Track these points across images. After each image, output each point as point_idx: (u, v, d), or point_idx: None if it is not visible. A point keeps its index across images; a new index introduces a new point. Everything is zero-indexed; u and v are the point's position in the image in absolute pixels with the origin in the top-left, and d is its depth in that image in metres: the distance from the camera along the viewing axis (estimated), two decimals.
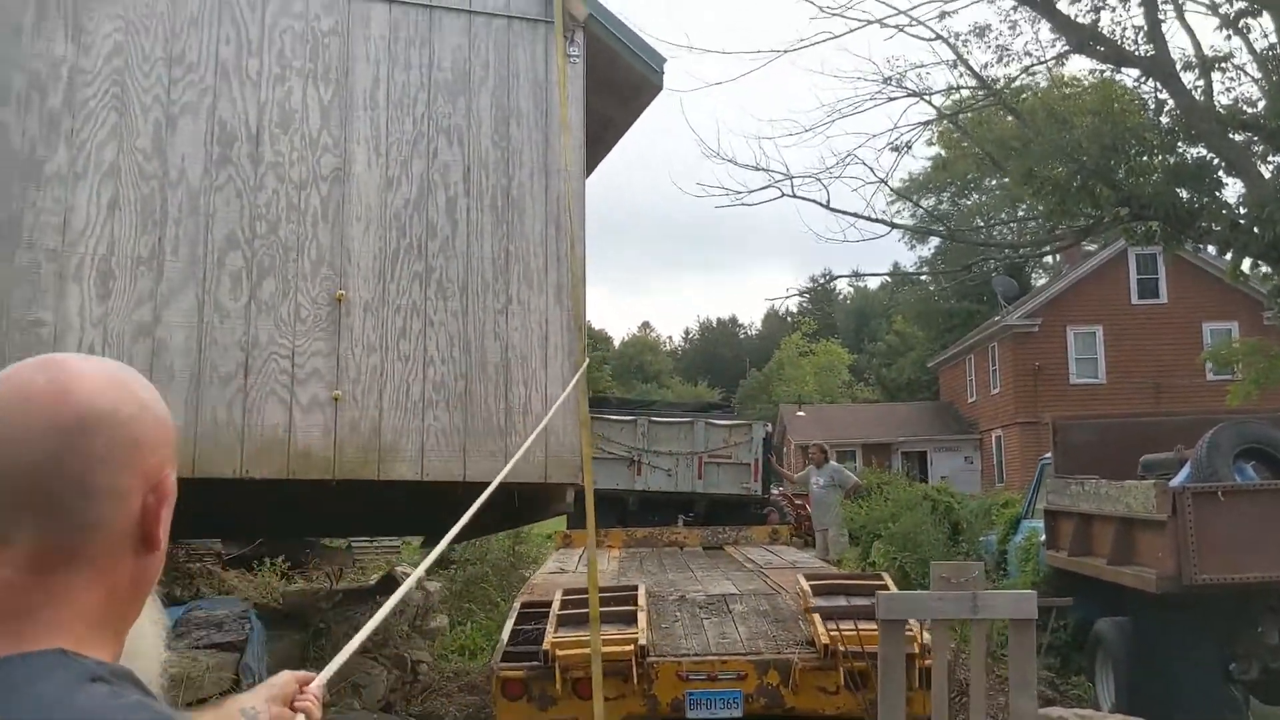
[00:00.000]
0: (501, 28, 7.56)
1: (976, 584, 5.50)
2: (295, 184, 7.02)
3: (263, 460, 6.74)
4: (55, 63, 6.75)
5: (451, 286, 7.19)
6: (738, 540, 11.69)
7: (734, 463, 17.53)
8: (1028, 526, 11.02)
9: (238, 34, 7.08)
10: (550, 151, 7.46)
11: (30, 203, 6.58)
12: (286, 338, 6.86)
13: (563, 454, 7.20)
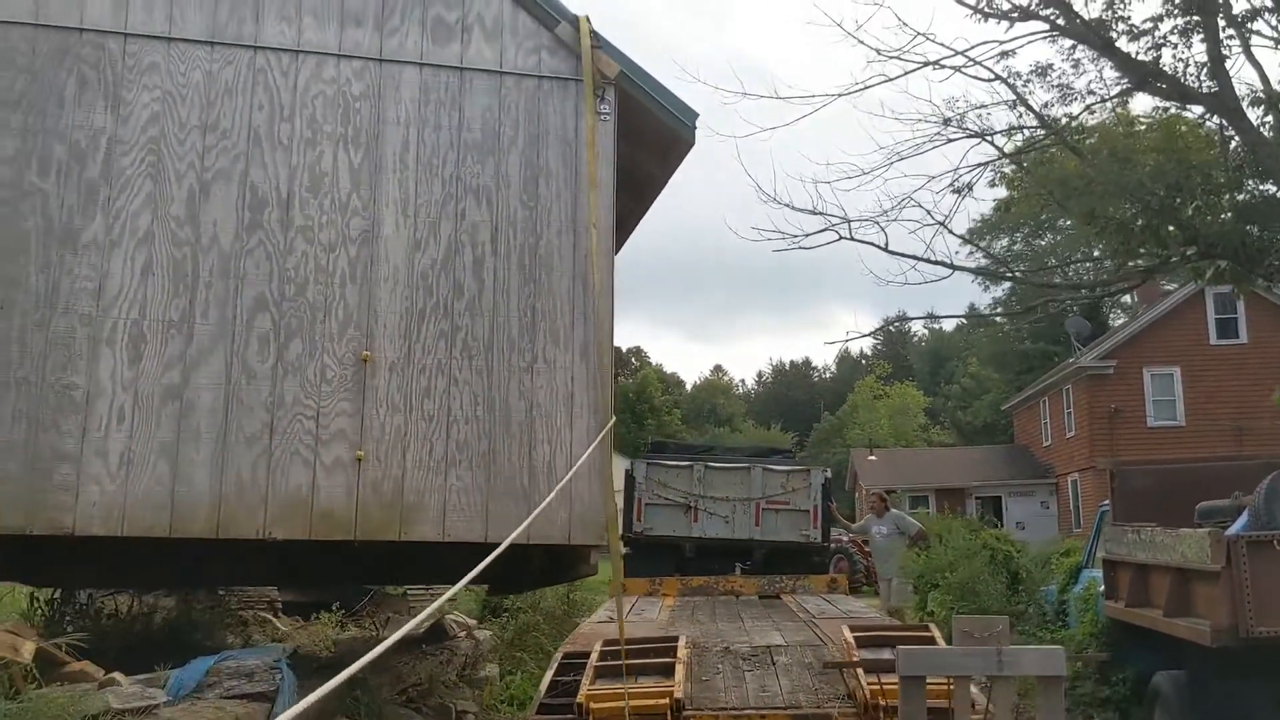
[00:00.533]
0: (531, 87, 7.58)
1: (1002, 639, 5.25)
2: (324, 246, 7.11)
3: (285, 521, 6.77)
4: (95, 133, 6.98)
5: (477, 345, 7.17)
6: (795, 589, 11.37)
7: (792, 509, 17.28)
8: (1087, 576, 10.73)
9: (270, 100, 7.23)
10: (579, 209, 7.42)
11: (67, 269, 6.79)
12: (312, 398, 6.92)
13: (587, 515, 7.09)
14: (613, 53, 7.67)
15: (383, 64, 7.43)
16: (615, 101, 7.65)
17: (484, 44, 7.58)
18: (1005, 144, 14.92)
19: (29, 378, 6.63)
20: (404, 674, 8.73)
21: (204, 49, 7.22)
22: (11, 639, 6.14)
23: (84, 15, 7.11)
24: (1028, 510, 38.83)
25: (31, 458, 6.55)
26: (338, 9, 7.44)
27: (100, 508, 6.58)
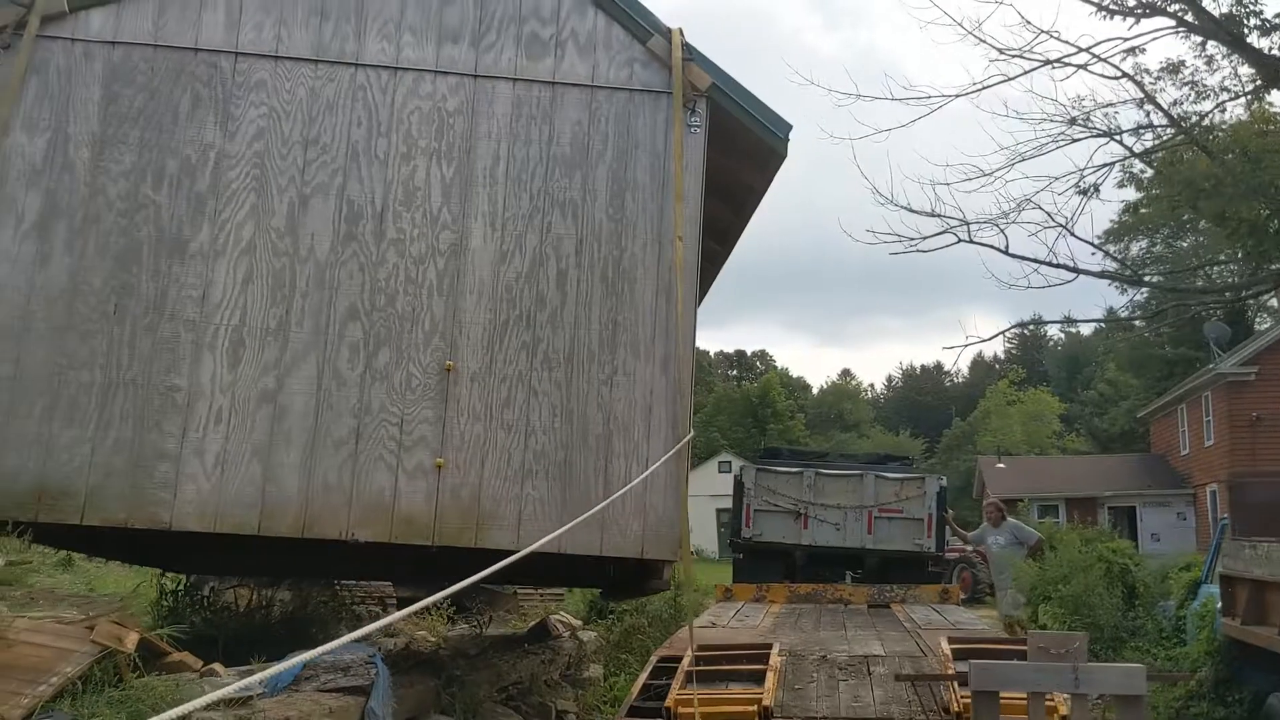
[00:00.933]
0: (623, 100, 7.62)
1: (1079, 655, 5.14)
2: (414, 259, 7.31)
3: (367, 523, 6.99)
4: (204, 147, 7.36)
5: (557, 357, 7.25)
6: (906, 599, 11.29)
7: (906, 518, 16.84)
8: (1206, 591, 10.36)
9: (369, 117, 7.48)
10: (665, 221, 7.42)
11: (175, 277, 7.18)
12: (397, 405, 7.12)
13: (661, 529, 7.07)
14: (705, 65, 7.64)
15: (477, 80, 7.59)
16: (706, 114, 7.62)
17: (577, 59, 7.66)
18: (1133, 143, 14.50)
19: (137, 379, 7.04)
20: (504, 672, 8.90)
21: (308, 66, 7.52)
22: (116, 629, 6.47)
23: (199, 36, 7.50)
24: (1163, 522, 37.46)
25: (136, 455, 6.95)
26: (436, 27, 7.65)
27: (195, 505, 6.93)
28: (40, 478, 6.90)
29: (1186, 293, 18.83)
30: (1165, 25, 13.51)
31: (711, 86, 7.59)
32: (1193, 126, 14.17)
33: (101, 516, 6.93)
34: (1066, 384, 67.95)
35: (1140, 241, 36.02)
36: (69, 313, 7.10)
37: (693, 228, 7.45)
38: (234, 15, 7.55)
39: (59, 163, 7.28)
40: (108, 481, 6.91)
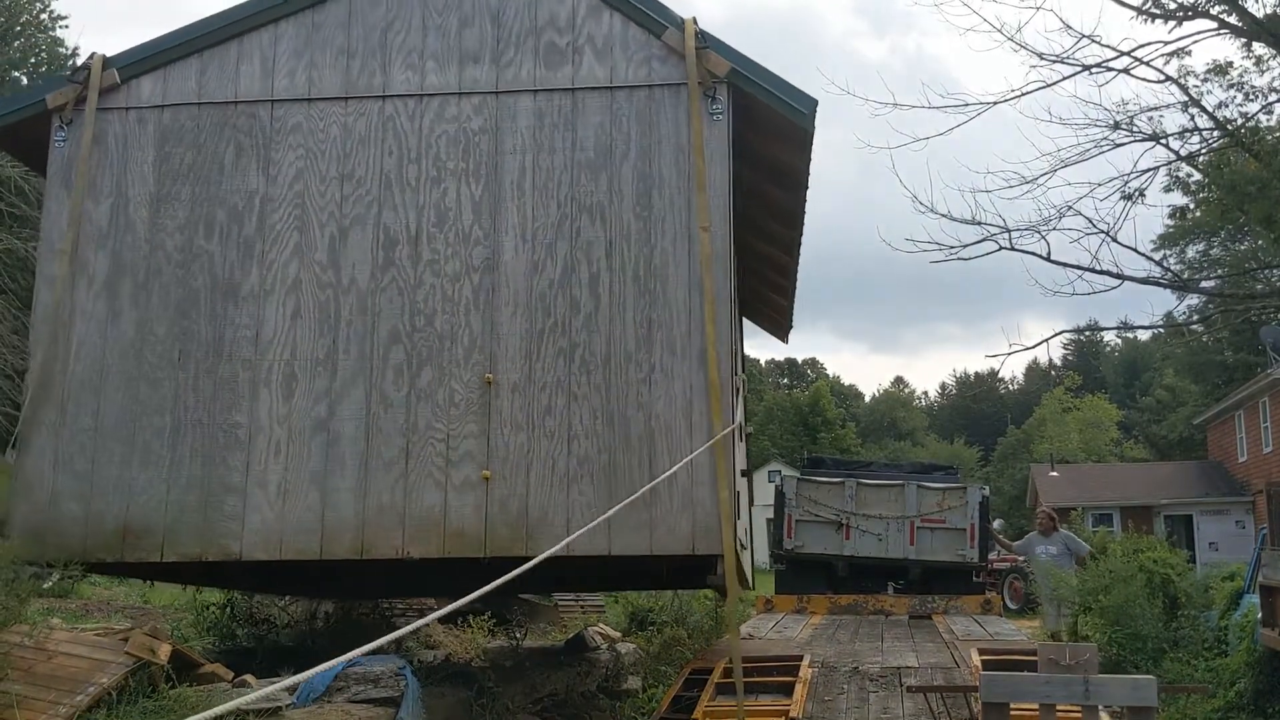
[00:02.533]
0: (643, 98, 7.59)
1: (1090, 667, 5.16)
2: (450, 277, 7.45)
3: (420, 540, 7.14)
4: (249, 194, 7.71)
5: (594, 360, 7.24)
6: (948, 610, 11.35)
7: (949, 528, 16.56)
8: (1248, 602, 10.15)
9: (399, 146, 7.69)
10: (693, 215, 7.32)
11: (230, 320, 7.53)
12: (441, 422, 7.26)
13: (710, 524, 6.95)
14: (723, 50, 7.52)
15: (499, 96, 7.70)
16: (729, 100, 7.49)
17: (595, 62, 7.68)
18: (1179, 147, 14.22)
19: (202, 419, 7.42)
20: (538, 684, 8.94)
21: (339, 105, 7.79)
22: (150, 641, 6.82)
23: (238, 89, 7.88)
24: (1221, 530, 36.46)
25: (205, 491, 7.31)
26: (456, 50, 7.80)
27: (260, 535, 7.23)
28: (124, 519, 7.34)
29: (1235, 298, 18.34)
30: (1207, 28, 13.24)
31: (731, 72, 7.46)
32: (1239, 129, 13.72)
33: (179, 552, 7.32)
34: (1124, 390, 66.57)
35: (1197, 245, 34.85)
36: (139, 362, 7.54)
37: (720, 217, 7.33)
38: (268, 65, 7.91)
39: (122, 224, 7.76)
40: (182, 518, 7.29)
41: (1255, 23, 12.82)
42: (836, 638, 9.38)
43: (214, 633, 9.41)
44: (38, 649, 6.64)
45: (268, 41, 7.96)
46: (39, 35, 26.60)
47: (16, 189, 16.10)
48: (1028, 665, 6.53)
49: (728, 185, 7.40)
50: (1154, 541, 12.97)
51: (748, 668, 7.07)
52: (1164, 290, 21.49)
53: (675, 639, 12.12)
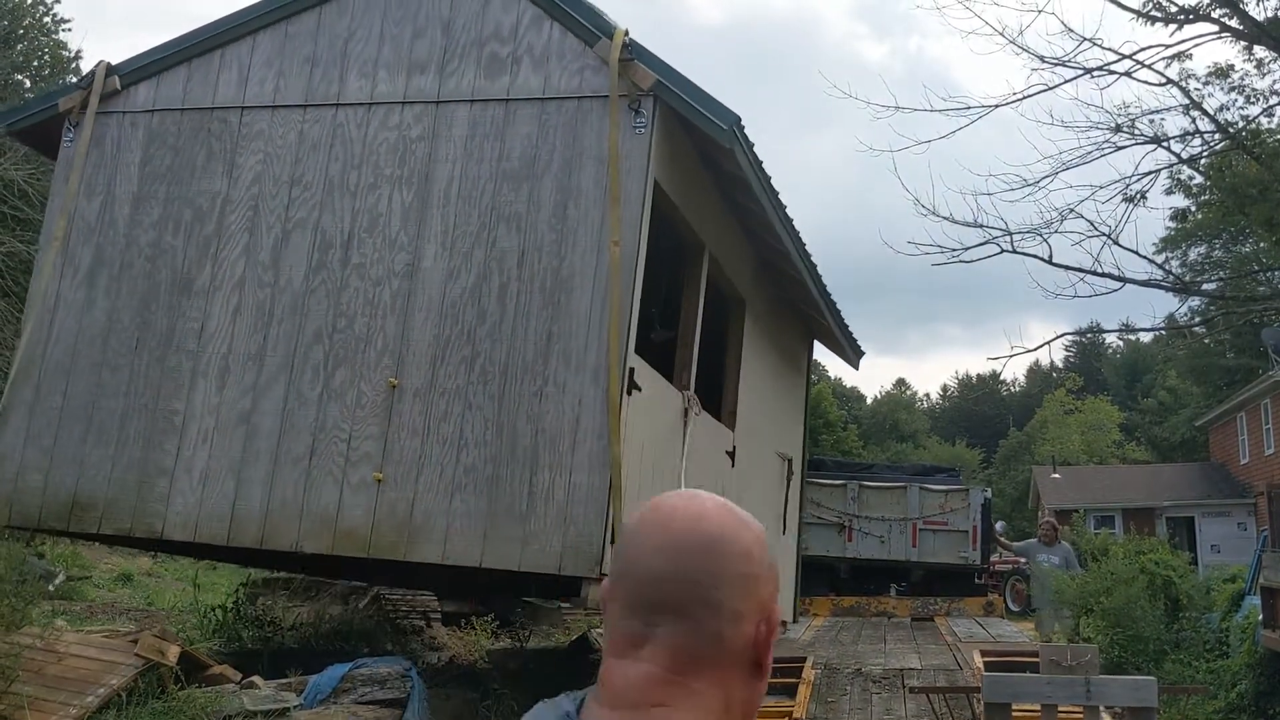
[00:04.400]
0: (571, 109, 7.51)
1: (1090, 668, 5.35)
2: (373, 281, 7.62)
3: (313, 536, 7.32)
4: (213, 195, 8.14)
5: (494, 370, 7.22)
6: (950, 611, 11.57)
7: (951, 530, 16.55)
8: (1250, 603, 10.39)
9: (345, 152, 7.93)
10: (605, 228, 7.19)
11: (182, 313, 7.98)
12: (347, 422, 7.42)
13: (581, 544, 6.78)
14: (652, 63, 7.34)
15: (439, 105, 7.81)
16: (653, 113, 7.31)
17: (531, 73, 7.66)
18: (1181, 150, 14.41)
19: (148, 404, 7.88)
20: (543, 686, 8.85)
21: (299, 112, 8.12)
22: (159, 643, 7.20)
23: (216, 96, 8.35)
24: (1223, 532, 36.30)
25: (142, 472, 7.77)
26: (407, 60, 7.97)
27: (181, 517, 7.62)
28: (74, 493, 7.91)
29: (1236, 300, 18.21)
30: (1208, 31, 13.21)
31: (656, 84, 7.28)
32: (1240, 131, 13.78)
33: (114, 527, 7.81)
34: (1126, 392, 66.19)
35: (1199, 247, 34.71)
36: (104, 349, 8.10)
37: (633, 231, 7.15)
38: (244, 73, 8.33)
39: (106, 220, 8.36)
40: (121, 495, 7.78)
41: (1256, 26, 12.84)
42: (839, 639, 9.76)
43: (219, 635, 9.88)
44: (48, 650, 7.02)
45: (246, 51, 8.38)
46: (42, 39, 27.90)
47: (20, 192, 17.24)
48: (1030, 667, 6.60)
49: (643, 199, 7.21)
50: (1156, 543, 13.05)
51: None
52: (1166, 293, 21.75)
53: None
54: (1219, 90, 14.21)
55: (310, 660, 8.26)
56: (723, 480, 9.23)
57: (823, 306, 10.93)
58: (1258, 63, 13.90)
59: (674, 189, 7.75)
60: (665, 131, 7.45)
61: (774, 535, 11.14)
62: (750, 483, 10.06)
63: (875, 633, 10.26)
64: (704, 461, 8.73)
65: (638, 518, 1.36)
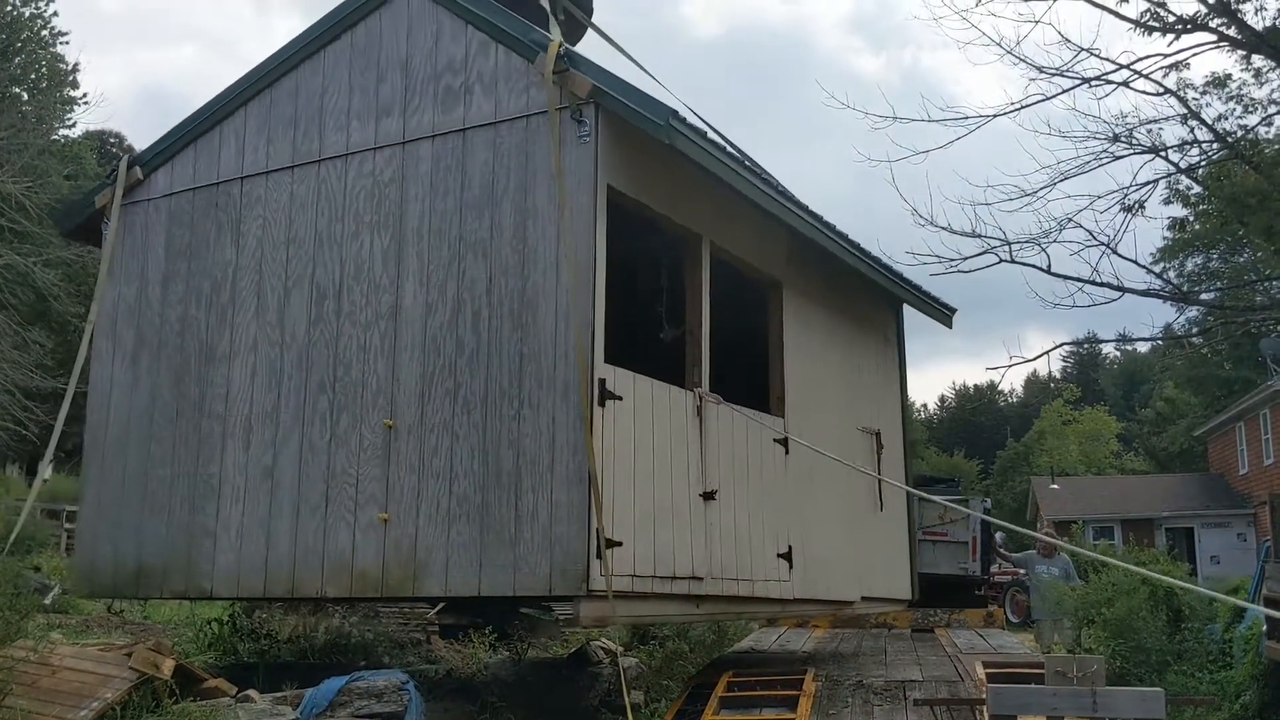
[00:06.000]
0: (521, 129, 7.50)
1: (1097, 679, 5.36)
2: (363, 326, 7.84)
3: (334, 581, 7.60)
4: (225, 265, 8.58)
5: (474, 399, 7.30)
6: (950, 623, 11.59)
7: (950, 540, 16.77)
8: (1252, 614, 10.24)
9: (330, 205, 8.19)
10: (561, 243, 7.15)
11: (209, 380, 8.45)
12: (353, 466, 7.67)
13: (568, 564, 6.76)
14: (589, 69, 7.25)
15: (405, 146, 7.95)
16: (596, 120, 7.21)
17: (483, 99, 7.70)
18: (1179, 159, 14.93)
19: (189, 471, 8.38)
20: (541, 698, 8.92)
21: (288, 173, 8.44)
22: (153, 657, 7.54)
23: (220, 170, 8.79)
24: (1223, 542, 37.49)
25: (188, 535, 8.27)
26: (374, 105, 8.16)
27: (225, 574, 8.06)
28: (138, 560, 8.49)
29: (1235, 310, 18.38)
30: (1207, 40, 13.59)
31: (594, 90, 7.17)
32: (1238, 141, 14.19)
33: (172, 590, 8.35)
34: (1123, 402, 68.03)
35: (1196, 258, 35.00)
36: (150, 422, 8.66)
37: (585, 243, 7.08)
38: (240, 145, 8.73)
39: (143, 302, 8.94)
40: (174, 559, 8.30)
41: (1255, 35, 13.19)
42: (840, 651, 9.66)
43: (215, 648, 10.25)
44: (42, 664, 7.32)
45: (240, 123, 8.78)
46: (39, 52, 28.72)
47: (18, 204, 18.02)
48: (1032, 678, 6.59)
49: (592, 209, 7.12)
50: (1155, 554, 13.07)
51: (752, 681, 7.45)
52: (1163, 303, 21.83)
53: (677, 653, 12.00)
54: (1217, 100, 14.53)
55: (306, 673, 8.51)
56: (773, 470, 9.01)
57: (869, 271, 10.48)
58: (1255, 72, 14.20)
59: (640, 188, 7.62)
60: (617, 135, 7.32)
61: (869, 512, 10.80)
62: (819, 466, 9.77)
63: (876, 644, 10.32)
64: (739, 455, 8.54)
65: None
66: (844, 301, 10.86)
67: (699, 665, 11.31)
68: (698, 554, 7.81)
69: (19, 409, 20.37)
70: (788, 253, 9.67)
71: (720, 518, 8.18)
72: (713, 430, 8.21)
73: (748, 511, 8.58)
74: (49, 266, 20.60)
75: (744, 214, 8.86)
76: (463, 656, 11.51)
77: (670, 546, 7.50)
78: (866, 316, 11.51)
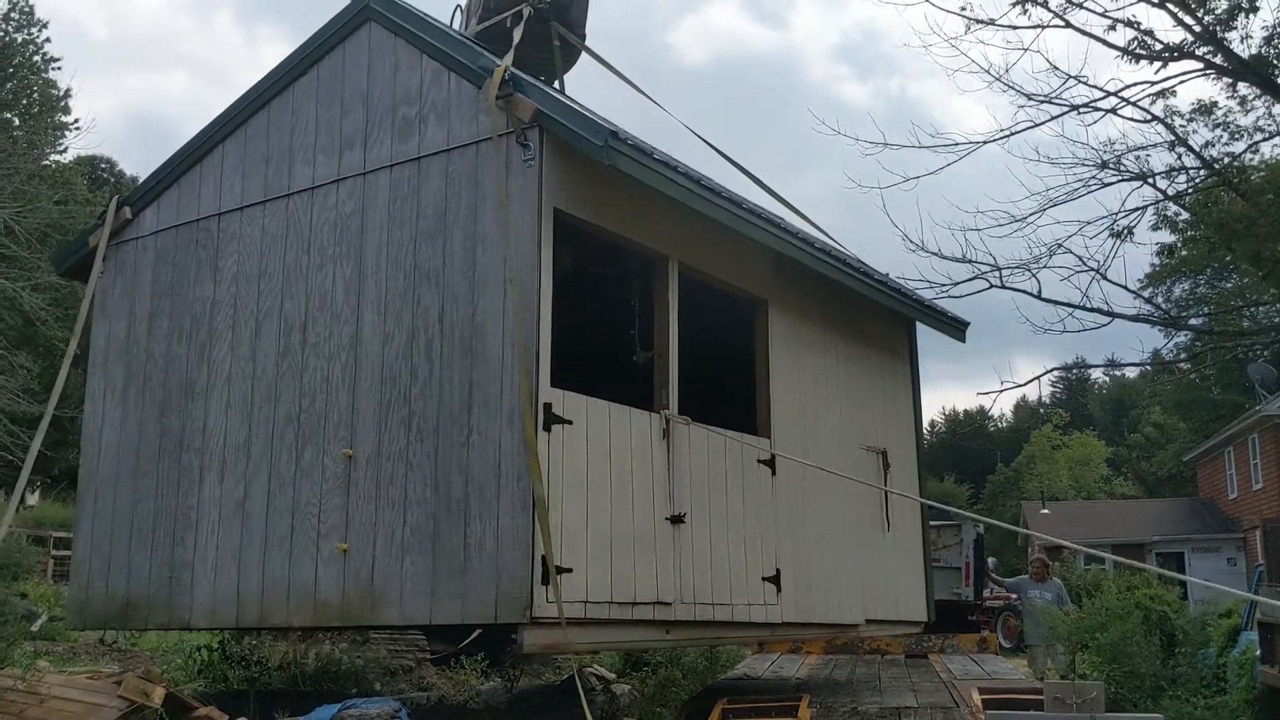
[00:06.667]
0: (472, 155, 7.49)
1: (1096, 706, 5.45)
2: (327, 357, 7.89)
3: (300, 611, 7.63)
4: (205, 300, 8.72)
5: (427, 427, 7.27)
6: (943, 648, 11.66)
7: (943, 566, 16.61)
8: (1246, 639, 10.44)
9: (298, 239, 8.28)
10: (510, 268, 7.11)
11: (189, 415, 8.58)
12: (316, 497, 7.70)
13: (513, 591, 6.68)
14: (531, 93, 7.22)
15: (365, 177, 8.00)
16: (540, 143, 7.16)
17: (436, 127, 7.72)
18: (1166, 186, 15.17)
19: (171, 505, 8.51)
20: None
21: (260, 208, 8.55)
22: (143, 685, 7.63)
23: (200, 207, 8.95)
24: (1213, 567, 37.78)
25: (170, 568, 8.38)
26: (338, 138, 8.23)
27: (203, 606, 8.14)
28: (126, 593, 8.63)
29: (1224, 335, 18.97)
30: (1193, 68, 13.96)
31: (537, 114, 7.14)
32: (1226, 168, 14.54)
33: (155, 622, 8.47)
34: (1112, 427, 68.59)
35: (1183, 284, 35.71)
36: (137, 458, 8.82)
37: (530, 266, 7.03)
38: (219, 182, 8.88)
39: (132, 339, 9.12)
40: (157, 592, 8.42)
41: (1240, 63, 13.39)
42: (833, 677, 9.61)
43: (204, 675, 10.26)
44: (30, 692, 7.38)
45: (218, 161, 8.94)
46: (31, 77, 29.00)
47: (6, 229, 18.19)
48: (1026, 704, 6.66)
49: (536, 232, 7.06)
50: (1147, 579, 12.89)
51: (747, 708, 7.40)
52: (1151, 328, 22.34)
53: (670, 679, 11.76)
54: (1204, 126, 14.83)
55: (298, 701, 8.49)
56: (757, 492, 8.84)
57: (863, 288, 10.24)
58: (1241, 99, 14.50)
59: (596, 211, 7.56)
60: (567, 158, 7.27)
61: (875, 533, 10.53)
62: (814, 487, 9.56)
63: (870, 670, 10.33)
64: (715, 477, 8.39)
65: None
66: (846, 318, 10.64)
67: (692, 692, 11.26)
68: (664, 579, 7.68)
69: (4, 434, 20.76)
70: (775, 271, 9.50)
71: (693, 541, 8.04)
72: (683, 453, 8.08)
73: (727, 534, 8.42)
74: (37, 291, 20.99)
75: (718, 233, 8.73)
76: (454, 683, 11.49)
77: (631, 572, 7.38)
78: (874, 333, 11.27)
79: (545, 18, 11.06)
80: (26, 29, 30.70)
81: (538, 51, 11.31)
